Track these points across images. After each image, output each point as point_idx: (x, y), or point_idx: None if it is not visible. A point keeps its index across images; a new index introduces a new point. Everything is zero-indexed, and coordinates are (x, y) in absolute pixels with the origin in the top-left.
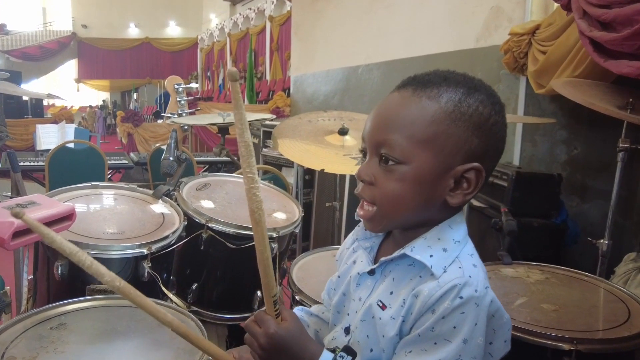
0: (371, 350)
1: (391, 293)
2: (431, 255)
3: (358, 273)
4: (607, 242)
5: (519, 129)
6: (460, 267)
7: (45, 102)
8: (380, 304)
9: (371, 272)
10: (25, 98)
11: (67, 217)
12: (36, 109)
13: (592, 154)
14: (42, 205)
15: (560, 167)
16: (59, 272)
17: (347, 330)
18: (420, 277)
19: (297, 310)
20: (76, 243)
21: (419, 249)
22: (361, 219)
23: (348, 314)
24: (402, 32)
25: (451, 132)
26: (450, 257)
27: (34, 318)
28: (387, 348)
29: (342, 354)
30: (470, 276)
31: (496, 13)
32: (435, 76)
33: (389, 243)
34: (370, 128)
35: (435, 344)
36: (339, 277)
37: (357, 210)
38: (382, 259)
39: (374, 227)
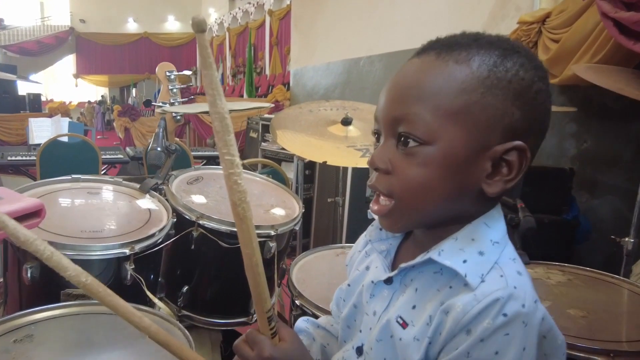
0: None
1: (414, 307)
2: (464, 261)
3: (372, 282)
4: (632, 240)
5: None
6: (502, 276)
7: (43, 98)
8: (401, 321)
9: (388, 281)
10: (22, 93)
11: (35, 213)
12: (34, 104)
13: (603, 148)
14: (4, 199)
15: (570, 161)
16: (29, 275)
17: (359, 351)
18: (450, 287)
19: (302, 321)
20: (50, 243)
21: (448, 253)
22: (375, 217)
23: (360, 331)
24: (405, 23)
25: (486, 102)
26: (488, 262)
27: None
28: None
29: None
30: (515, 287)
31: (503, 2)
32: (463, 37)
33: (409, 245)
34: (385, 103)
35: None
36: (349, 285)
37: (371, 205)
38: (402, 265)
39: (393, 225)
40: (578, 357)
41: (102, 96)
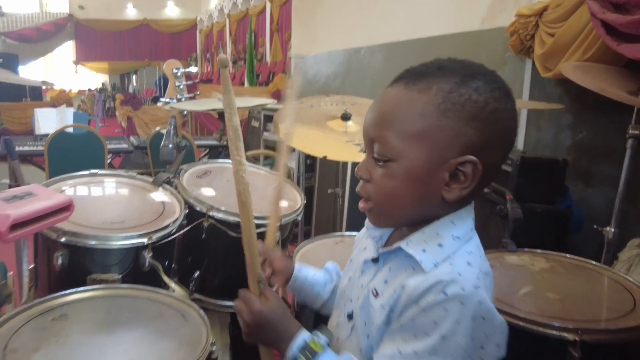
0: (367, 337)
1: (385, 282)
2: (424, 250)
3: (364, 260)
4: (613, 230)
5: (523, 114)
6: (451, 264)
7: (43, 86)
8: (374, 292)
9: (375, 260)
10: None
11: (65, 208)
12: (34, 92)
13: (598, 139)
14: (38, 196)
15: (565, 152)
16: (59, 262)
17: (350, 316)
18: (413, 269)
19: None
20: (76, 233)
21: (414, 243)
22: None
23: (351, 300)
24: (405, 14)
25: (442, 124)
26: (444, 253)
27: (35, 309)
28: (376, 336)
29: (317, 332)
30: (459, 274)
31: None
32: (431, 66)
33: (396, 233)
34: (365, 125)
35: (414, 335)
36: (351, 260)
37: (360, 203)
38: (381, 250)
39: (375, 221)
40: (550, 335)
41: (103, 84)
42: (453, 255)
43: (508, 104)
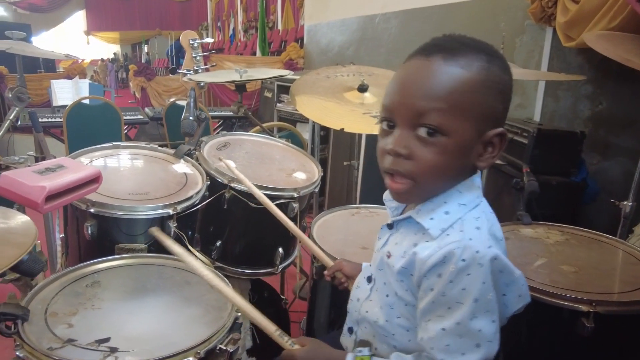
0: (387, 295)
1: (396, 244)
2: (431, 218)
3: (381, 227)
4: (630, 204)
5: (541, 84)
6: (461, 231)
7: (66, 58)
8: (388, 254)
9: (390, 226)
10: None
11: (94, 180)
12: (48, 63)
13: (619, 110)
14: (69, 168)
15: (583, 124)
16: (89, 232)
17: (369, 279)
18: (423, 234)
19: None
20: (104, 204)
21: (423, 212)
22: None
23: (370, 265)
24: None
25: (484, 100)
26: (450, 219)
27: (69, 276)
28: (392, 293)
29: (359, 349)
30: (470, 239)
31: None
32: (457, 43)
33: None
34: (403, 97)
35: (449, 308)
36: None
37: (389, 183)
38: (394, 218)
39: (407, 200)
40: (564, 306)
41: (115, 54)
42: (461, 222)
43: (510, 81)
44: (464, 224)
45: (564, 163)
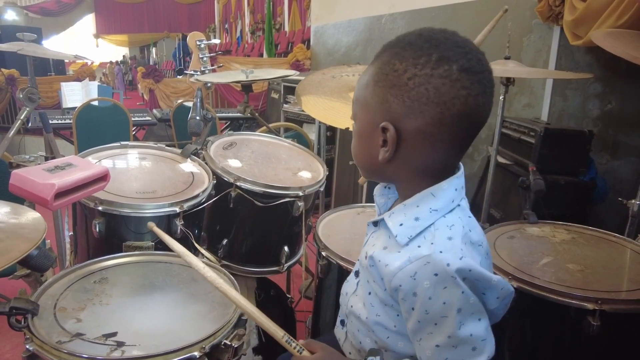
0: (369, 293)
1: (373, 245)
2: (401, 224)
3: (367, 223)
4: (638, 202)
5: (548, 83)
6: (432, 243)
7: (76, 59)
8: (366, 254)
9: (375, 224)
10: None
11: (102, 178)
12: (58, 66)
13: (628, 108)
14: (78, 167)
15: (592, 123)
16: (97, 229)
17: (356, 274)
18: (394, 237)
19: None
20: (112, 202)
21: (395, 215)
22: None
23: (358, 260)
24: None
25: (375, 92)
26: (420, 226)
27: (78, 272)
28: (372, 291)
29: (370, 358)
30: (441, 251)
31: None
32: (394, 40)
33: (396, 202)
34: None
35: (436, 324)
36: None
37: None
38: (374, 219)
39: (369, 178)
40: (570, 304)
41: (124, 56)
42: (432, 231)
43: (437, 70)
44: (435, 235)
45: (572, 162)
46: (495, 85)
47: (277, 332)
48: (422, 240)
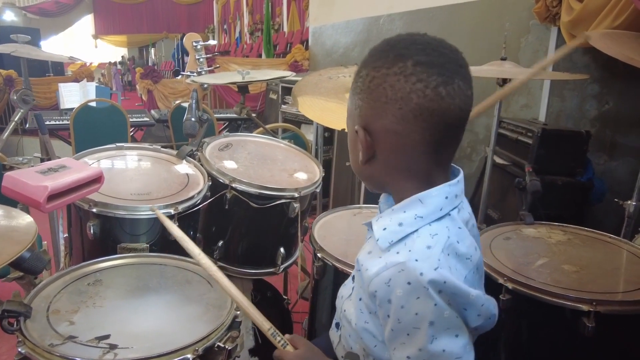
0: (360, 299)
1: (363, 249)
2: (385, 228)
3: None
4: (634, 203)
5: (546, 84)
6: (410, 250)
7: (71, 61)
8: (358, 260)
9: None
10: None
11: (96, 180)
12: (57, 67)
13: (625, 109)
14: (72, 168)
15: (589, 124)
16: (92, 231)
17: (353, 278)
18: (376, 242)
19: None
20: (106, 204)
21: (383, 219)
22: None
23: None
24: None
25: (351, 100)
26: (402, 232)
27: (72, 274)
28: (363, 297)
29: None
30: (416, 259)
31: None
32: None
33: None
34: None
35: (408, 334)
36: None
37: None
38: (366, 221)
39: (372, 190)
40: (565, 305)
41: (122, 57)
42: (413, 239)
43: (392, 68)
44: (415, 242)
45: (570, 163)
46: (472, 78)
47: (264, 324)
48: (402, 247)
